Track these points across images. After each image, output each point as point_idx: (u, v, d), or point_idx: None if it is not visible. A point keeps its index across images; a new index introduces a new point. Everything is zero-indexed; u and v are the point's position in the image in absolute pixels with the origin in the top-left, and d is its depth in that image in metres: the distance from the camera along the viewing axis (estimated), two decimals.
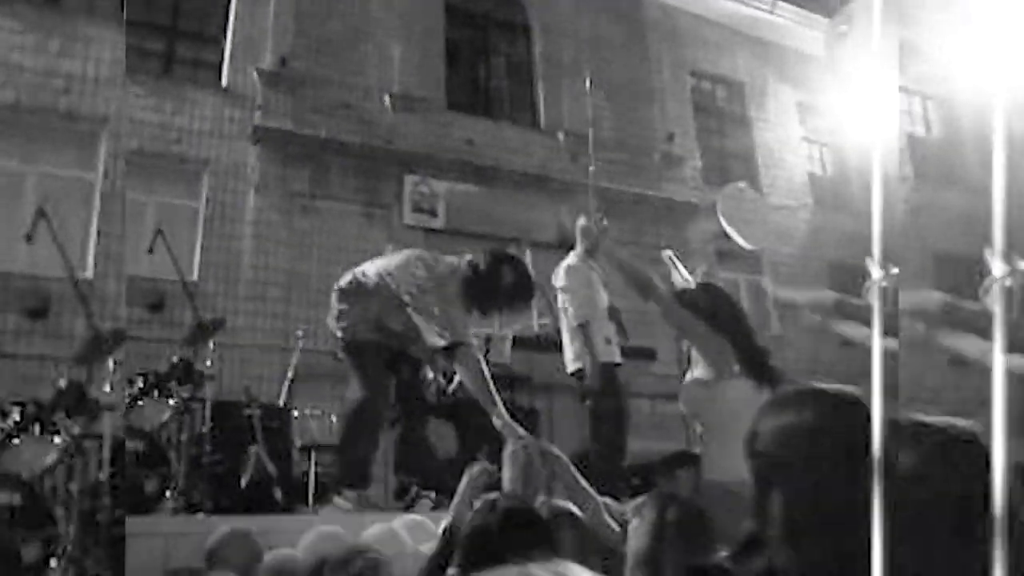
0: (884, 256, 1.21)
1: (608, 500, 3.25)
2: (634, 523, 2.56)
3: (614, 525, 2.99)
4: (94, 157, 10.14)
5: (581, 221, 5.53)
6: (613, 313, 5.65)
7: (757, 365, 3.38)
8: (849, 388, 1.82)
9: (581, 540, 2.83)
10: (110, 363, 4.57)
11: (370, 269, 4.74)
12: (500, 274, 4.53)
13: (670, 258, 4.91)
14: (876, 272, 1.20)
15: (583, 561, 2.41)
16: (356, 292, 4.70)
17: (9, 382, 7.60)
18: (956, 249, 13.77)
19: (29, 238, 4.73)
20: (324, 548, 3.20)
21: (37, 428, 4.58)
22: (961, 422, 1.71)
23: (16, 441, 4.49)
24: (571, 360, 5.63)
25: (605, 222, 5.52)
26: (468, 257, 4.65)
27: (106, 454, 4.38)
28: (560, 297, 5.67)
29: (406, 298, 4.45)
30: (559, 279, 5.65)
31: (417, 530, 3.72)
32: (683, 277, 4.68)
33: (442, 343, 4.33)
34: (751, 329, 3.54)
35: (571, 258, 5.67)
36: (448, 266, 4.64)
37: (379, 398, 4.64)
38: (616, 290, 5.56)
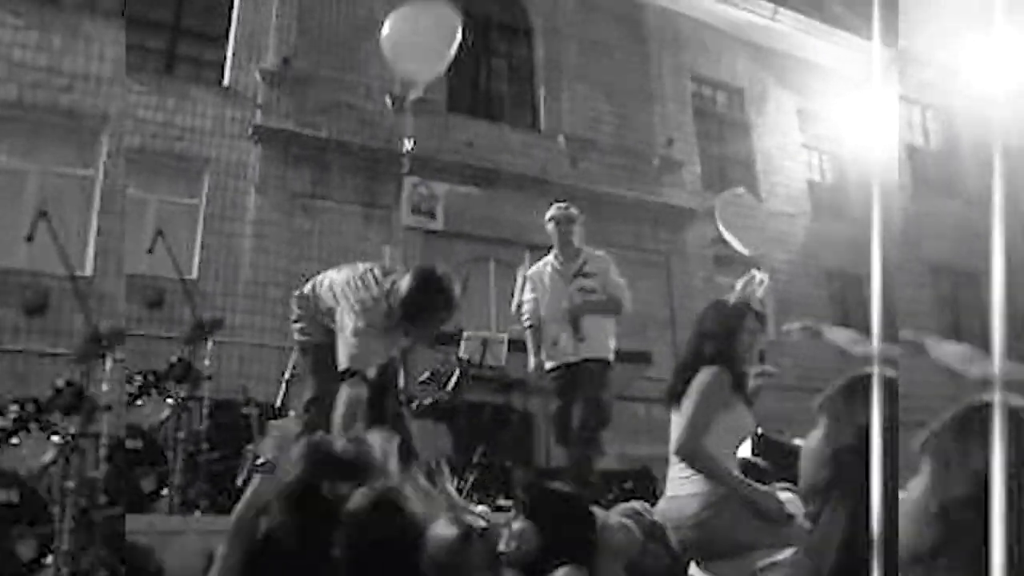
0: (883, 265, 1.22)
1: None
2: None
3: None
4: (95, 155, 10.14)
5: (550, 212, 5.63)
6: (573, 313, 5.36)
7: (674, 393, 3.44)
8: None
9: None
10: (108, 362, 4.57)
11: (325, 282, 4.72)
12: (427, 293, 4.41)
13: (760, 281, 4.86)
14: (876, 284, 1.22)
15: None
16: (312, 300, 4.69)
17: (7, 379, 7.60)
18: (952, 260, 13.82)
19: (30, 238, 4.73)
20: None
21: (35, 426, 4.58)
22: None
23: (14, 440, 4.50)
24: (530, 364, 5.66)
25: (572, 210, 5.57)
26: (399, 274, 4.41)
27: (102, 453, 4.39)
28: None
29: (347, 319, 4.40)
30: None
31: None
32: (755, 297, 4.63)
33: (344, 365, 4.28)
34: (730, 355, 3.46)
35: (536, 264, 5.74)
36: (384, 287, 4.55)
37: (328, 398, 4.62)
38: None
